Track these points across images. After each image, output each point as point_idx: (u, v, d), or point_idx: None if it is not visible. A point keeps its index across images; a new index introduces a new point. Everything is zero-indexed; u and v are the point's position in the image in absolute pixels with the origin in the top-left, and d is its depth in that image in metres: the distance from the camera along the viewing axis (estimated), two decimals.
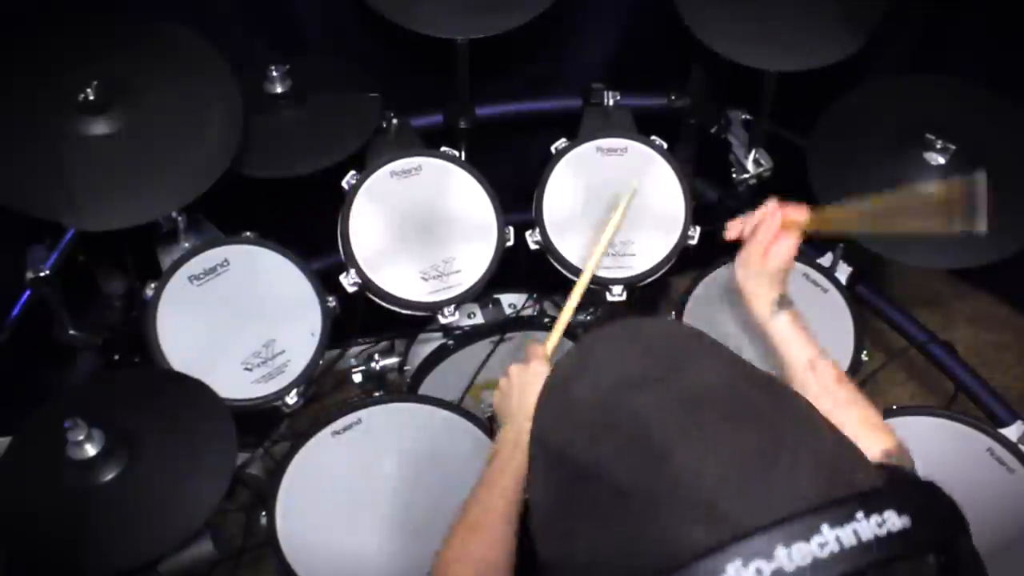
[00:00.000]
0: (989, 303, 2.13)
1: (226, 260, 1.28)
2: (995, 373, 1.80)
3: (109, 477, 1.03)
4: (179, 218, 1.28)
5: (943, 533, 0.50)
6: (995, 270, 1.29)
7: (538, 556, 0.58)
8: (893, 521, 0.46)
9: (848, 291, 1.45)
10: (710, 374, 0.57)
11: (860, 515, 0.46)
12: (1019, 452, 1.25)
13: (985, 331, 2.08)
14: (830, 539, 0.45)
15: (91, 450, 1.01)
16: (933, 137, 1.29)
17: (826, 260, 1.49)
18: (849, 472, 0.51)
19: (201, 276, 1.26)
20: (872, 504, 0.46)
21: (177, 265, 1.25)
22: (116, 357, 1.38)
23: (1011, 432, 1.33)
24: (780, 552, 0.44)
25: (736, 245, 1.11)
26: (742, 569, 0.44)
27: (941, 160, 1.30)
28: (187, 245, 1.30)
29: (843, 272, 1.48)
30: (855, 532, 0.45)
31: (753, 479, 0.49)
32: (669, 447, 0.51)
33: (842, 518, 0.46)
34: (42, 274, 1.18)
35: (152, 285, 1.23)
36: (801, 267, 1.47)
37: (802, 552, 0.44)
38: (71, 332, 1.29)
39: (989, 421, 1.49)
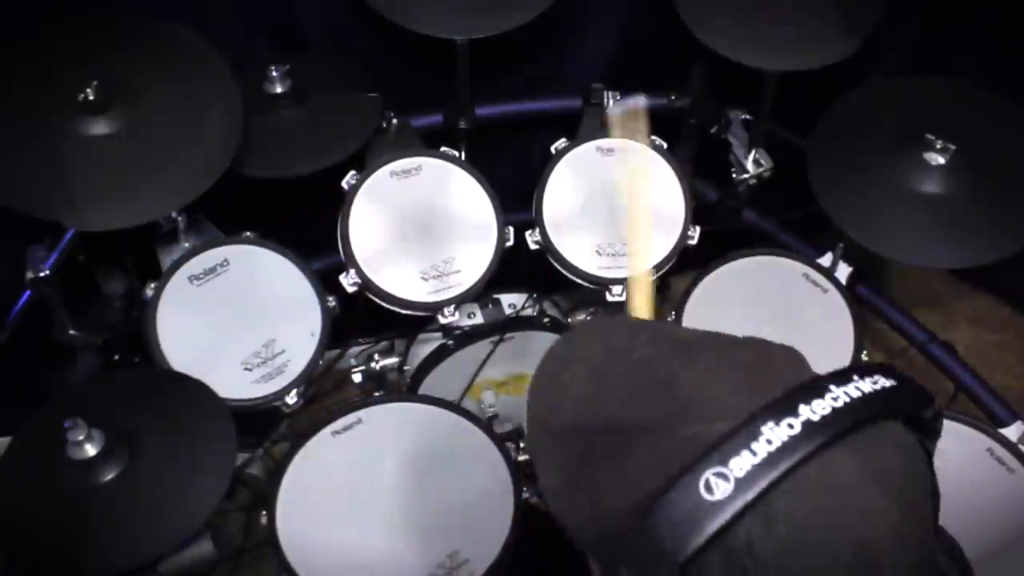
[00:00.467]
0: (989, 303, 2.13)
1: (226, 260, 1.27)
2: (995, 373, 1.80)
3: (109, 477, 1.03)
4: (179, 218, 1.28)
5: (919, 398, 0.56)
6: (995, 270, 1.29)
7: (566, 531, 0.60)
8: (883, 382, 0.53)
9: (848, 291, 1.45)
10: (693, 333, 0.64)
11: (856, 377, 0.53)
12: (1019, 452, 1.25)
13: (986, 331, 2.07)
14: (840, 394, 0.51)
15: (91, 450, 1.01)
16: (933, 137, 1.29)
17: (826, 260, 1.49)
18: None
19: (201, 276, 1.26)
20: (864, 371, 0.53)
21: (177, 265, 1.25)
22: (116, 357, 1.38)
23: (1011, 432, 1.32)
24: (803, 408, 0.50)
25: (736, 244, 1.09)
26: (775, 427, 0.49)
27: (941, 160, 1.30)
28: (187, 245, 1.30)
29: (843, 272, 1.48)
30: (857, 388, 0.52)
31: (758, 379, 0.55)
32: (673, 372, 0.56)
33: (845, 380, 0.52)
34: (42, 274, 1.18)
35: (152, 285, 1.23)
36: (801, 267, 1.47)
37: (821, 405, 0.50)
38: (71, 332, 1.29)
39: (989, 421, 1.49)
